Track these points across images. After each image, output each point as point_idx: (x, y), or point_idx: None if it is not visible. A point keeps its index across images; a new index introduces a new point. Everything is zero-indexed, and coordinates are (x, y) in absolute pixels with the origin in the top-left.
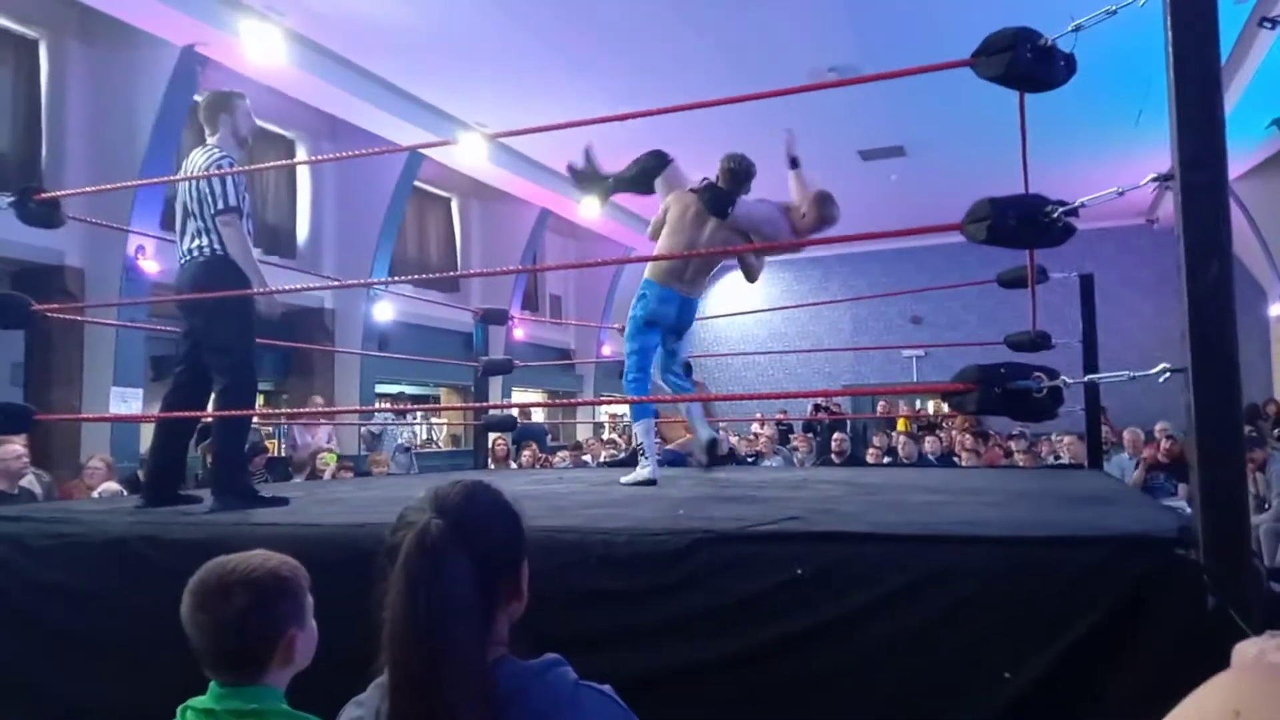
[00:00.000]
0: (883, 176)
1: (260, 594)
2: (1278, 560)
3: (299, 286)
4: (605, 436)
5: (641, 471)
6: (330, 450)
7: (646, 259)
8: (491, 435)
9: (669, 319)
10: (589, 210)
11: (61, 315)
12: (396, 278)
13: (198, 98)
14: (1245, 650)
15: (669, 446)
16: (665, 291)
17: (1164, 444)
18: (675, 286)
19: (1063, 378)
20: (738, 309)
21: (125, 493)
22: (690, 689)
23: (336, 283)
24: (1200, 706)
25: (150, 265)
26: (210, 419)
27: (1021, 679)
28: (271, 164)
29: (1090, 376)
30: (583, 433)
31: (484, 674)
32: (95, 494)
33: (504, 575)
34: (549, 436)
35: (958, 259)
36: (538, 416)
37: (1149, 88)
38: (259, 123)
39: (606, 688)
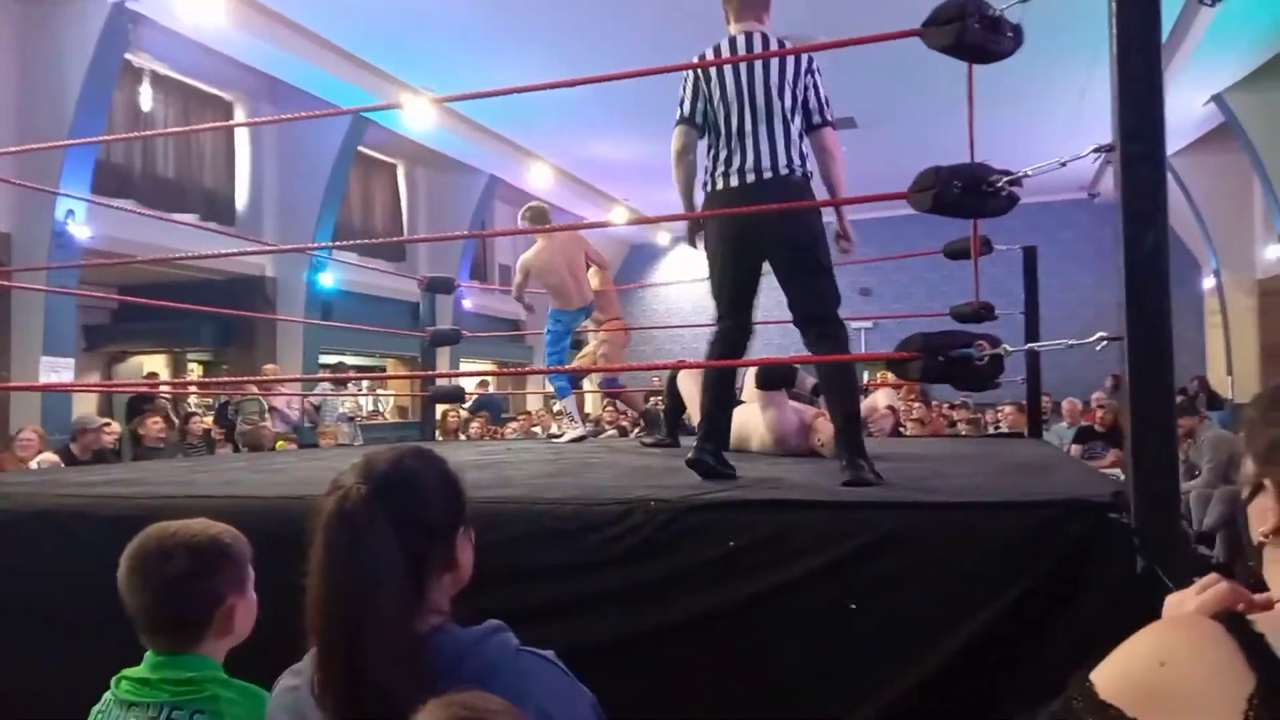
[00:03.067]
0: None
1: (201, 559)
2: (1206, 524)
3: (242, 250)
4: (556, 409)
5: (572, 432)
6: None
7: (598, 225)
8: (443, 407)
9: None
10: (539, 178)
11: None
12: (340, 243)
13: None
14: (1171, 601)
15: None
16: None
17: (1099, 414)
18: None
19: (1003, 345)
20: (690, 277)
21: (62, 464)
22: (638, 656)
23: (278, 247)
24: (1129, 655)
25: (81, 230)
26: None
27: (962, 637)
28: (213, 125)
29: (1031, 345)
30: (533, 404)
31: (411, 643)
32: (34, 465)
33: (435, 543)
34: (502, 411)
35: (905, 232)
36: (491, 389)
37: (1094, 63)
38: (194, 83)
39: (549, 653)
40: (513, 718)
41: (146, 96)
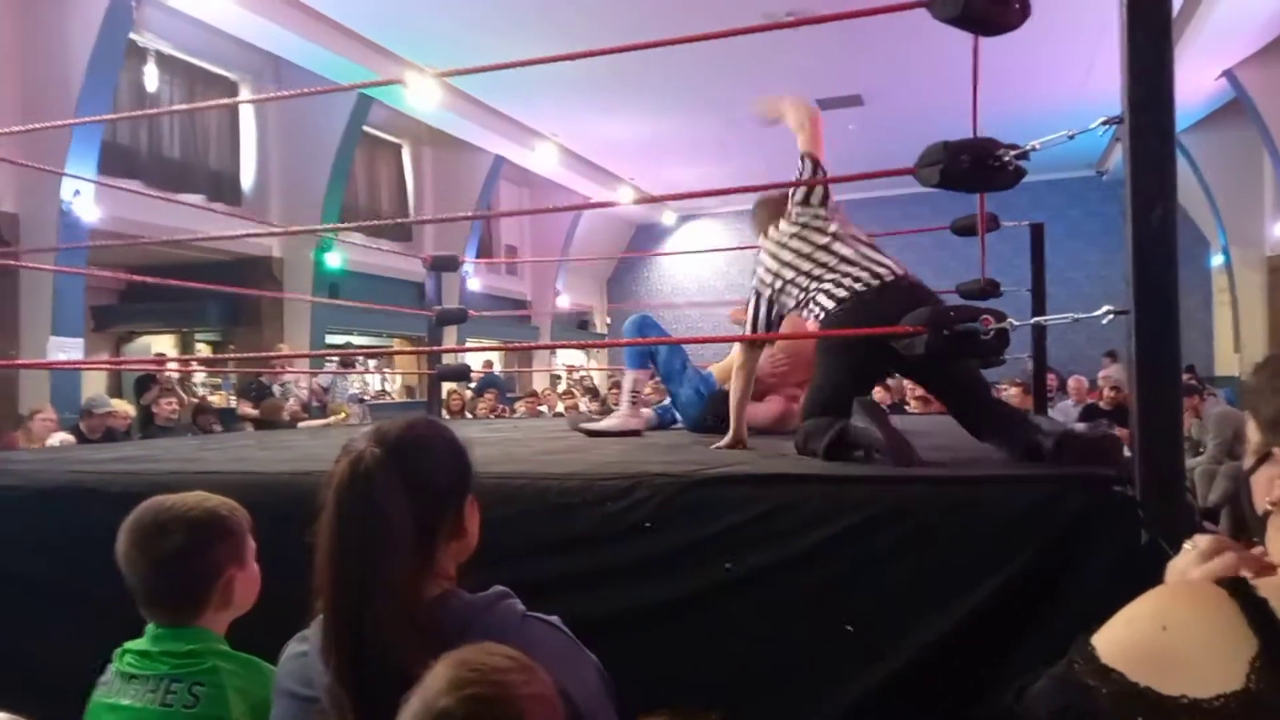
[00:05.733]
0: (841, 126)
1: (197, 533)
2: (1210, 500)
3: (255, 233)
4: (561, 389)
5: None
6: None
7: (602, 205)
8: (447, 386)
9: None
10: (544, 158)
11: None
12: (347, 225)
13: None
14: (1174, 566)
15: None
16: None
17: (1107, 393)
18: None
19: (1009, 320)
20: (693, 255)
21: (76, 442)
22: (642, 630)
23: (285, 229)
24: (1131, 620)
25: (88, 211)
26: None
27: (965, 610)
28: (215, 103)
29: (1036, 319)
30: (539, 383)
31: (417, 606)
32: (55, 442)
33: (444, 510)
34: (508, 392)
35: (912, 211)
36: (497, 369)
37: (1101, 38)
38: (199, 62)
39: (554, 619)
40: (521, 671)
41: (152, 77)
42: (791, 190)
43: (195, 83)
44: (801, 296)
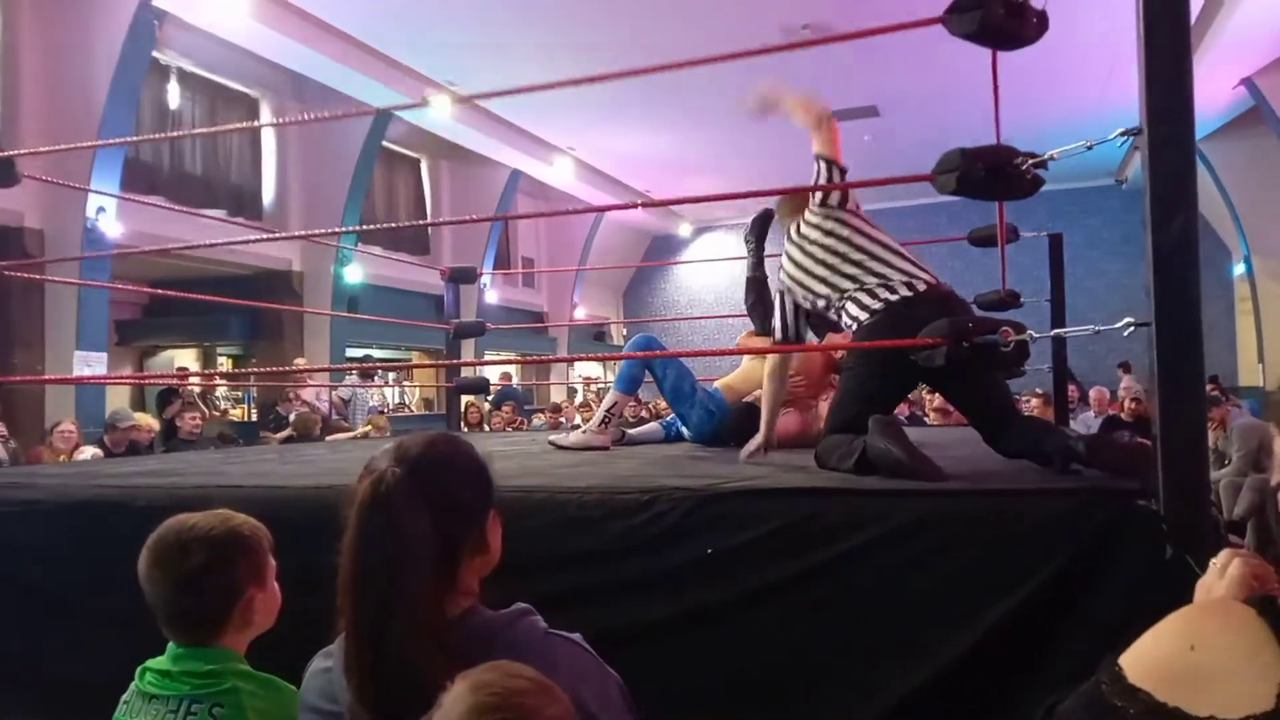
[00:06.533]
0: (856, 137)
1: (218, 552)
2: (1235, 513)
3: (269, 237)
4: (579, 401)
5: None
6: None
7: (612, 207)
8: (465, 399)
9: None
10: (561, 171)
11: (22, 275)
12: (366, 227)
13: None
14: (1203, 584)
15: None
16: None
17: (1129, 404)
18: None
19: (1029, 331)
20: (710, 268)
21: (104, 457)
22: (661, 643)
23: (305, 234)
24: (1158, 640)
25: (112, 227)
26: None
27: (986, 624)
28: (243, 125)
29: (1056, 330)
30: (557, 395)
31: (440, 624)
32: (87, 457)
33: (467, 526)
34: (525, 404)
35: (929, 220)
36: (515, 381)
37: (1120, 47)
38: (220, 79)
39: (576, 636)
40: (541, 693)
41: (174, 93)
42: (811, 193)
43: (216, 99)
44: (831, 306)
